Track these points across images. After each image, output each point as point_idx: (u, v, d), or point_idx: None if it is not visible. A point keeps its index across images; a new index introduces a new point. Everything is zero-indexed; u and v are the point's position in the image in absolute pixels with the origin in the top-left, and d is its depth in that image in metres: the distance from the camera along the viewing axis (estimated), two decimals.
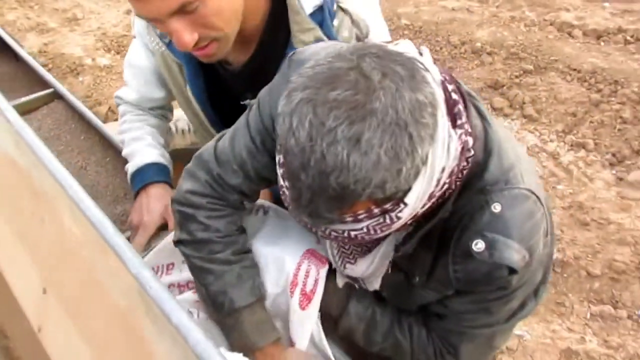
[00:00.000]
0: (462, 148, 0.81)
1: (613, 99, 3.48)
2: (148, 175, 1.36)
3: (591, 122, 3.43)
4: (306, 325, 1.07)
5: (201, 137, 1.50)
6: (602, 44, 3.93)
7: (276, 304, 1.11)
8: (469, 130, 0.83)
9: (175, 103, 1.51)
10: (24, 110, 1.81)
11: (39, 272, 1.16)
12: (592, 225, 2.95)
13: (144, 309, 0.83)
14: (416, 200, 0.78)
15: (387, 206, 0.78)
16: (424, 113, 0.72)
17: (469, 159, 0.85)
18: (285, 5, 1.14)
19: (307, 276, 1.07)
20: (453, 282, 0.95)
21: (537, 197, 0.92)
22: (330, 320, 1.10)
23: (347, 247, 1.03)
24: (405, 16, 4.39)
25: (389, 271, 1.01)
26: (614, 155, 3.27)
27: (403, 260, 0.98)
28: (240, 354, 1.03)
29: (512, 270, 0.89)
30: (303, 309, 1.06)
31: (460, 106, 0.83)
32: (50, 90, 1.87)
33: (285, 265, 1.08)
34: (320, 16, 1.18)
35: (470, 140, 0.84)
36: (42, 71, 2.00)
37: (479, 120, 0.91)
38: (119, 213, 1.53)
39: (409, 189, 0.76)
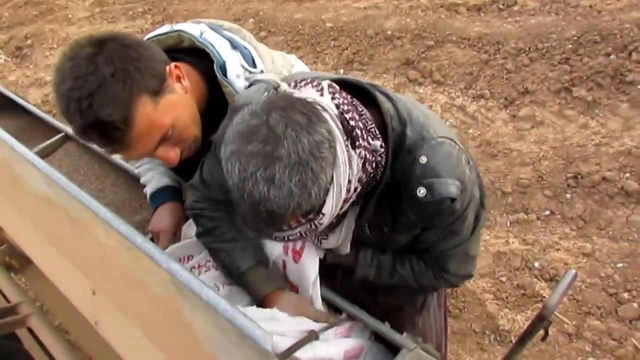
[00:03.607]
0: (364, 161, 0.86)
1: (497, 55, 3.55)
2: (161, 197, 1.41)
3: (485, 76, 3.50)
4: (302, 273, 1.11)
5: None
6: (482, 14, 3.97)
7: (275, 265, 1.16)
8: (368, 145, 0.88)
9: None
10: (44, 155, 1.76)
11: (86, 279, 1.15)
12: (499, 155, 3.04)
13: (178, 292, 0.85)
14: (332, 209, 0.84)
15: (311, 216, 0.84)
16: (322, 149, 0.78)
17: (383, 154, 0.91)
18: (221, 90, 1.13)
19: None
20: (415, 223, 0.98)
21: (450, 139, 0.96)
22: (347, 272, 1.15)
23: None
24: (329, 20, 4.36)
25: (368, 232, 1.04)
26: (505, 99, 3.34)
27: (371, 221, 1.02)
28: (254, 306, 1.09)
29: (453, 199, 0.93)
30: (296, 262, 1.11)
31: (358, 130, 0.86)
32: (62, 134, 1.82)
33: None
34: None
35: (378, 143, 0.90)
36: (51, 120, 1.92)
37: (389, 104, 0.95)
38: (138, 220, 1.53)
39: (324, 203, 0.82)
